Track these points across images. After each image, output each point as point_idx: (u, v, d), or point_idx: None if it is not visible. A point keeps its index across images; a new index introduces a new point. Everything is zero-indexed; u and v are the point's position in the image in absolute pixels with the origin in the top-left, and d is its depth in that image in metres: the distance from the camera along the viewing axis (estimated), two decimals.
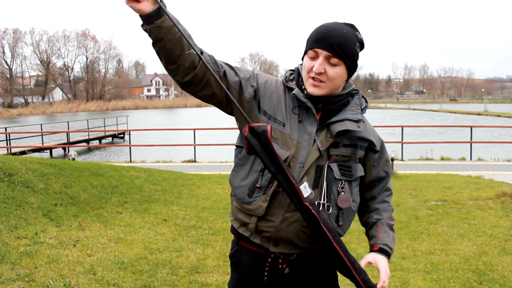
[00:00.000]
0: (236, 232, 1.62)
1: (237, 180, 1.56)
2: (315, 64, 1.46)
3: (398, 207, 6.46)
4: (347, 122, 1.51)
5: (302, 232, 1.50)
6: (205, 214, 5.94)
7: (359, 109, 1.57)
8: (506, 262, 4.13)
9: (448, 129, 24.81)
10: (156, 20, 1.29)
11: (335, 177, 1.50)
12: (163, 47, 1.33)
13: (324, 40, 1.44)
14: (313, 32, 1.50)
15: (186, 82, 1.41)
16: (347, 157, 1.54)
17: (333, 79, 1.47)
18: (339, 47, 1.44)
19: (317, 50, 1.46)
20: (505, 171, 10.20)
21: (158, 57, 1.39)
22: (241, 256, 1.62)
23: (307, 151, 1.48)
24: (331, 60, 1.45)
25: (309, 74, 1.49)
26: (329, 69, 1.46)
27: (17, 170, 5.82)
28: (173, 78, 1.44)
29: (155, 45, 1.34)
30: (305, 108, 1.52)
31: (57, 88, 77.50)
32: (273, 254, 1.55)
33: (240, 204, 1.55)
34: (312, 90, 1.49)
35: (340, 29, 1.46)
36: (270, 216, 1.49)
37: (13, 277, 3.27)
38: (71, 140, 20.23)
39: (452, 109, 55.00)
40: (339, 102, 1.54)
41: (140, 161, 13.72)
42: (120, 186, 6.74)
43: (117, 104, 67.56)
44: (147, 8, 1.28)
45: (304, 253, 1.57)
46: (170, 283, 3.57)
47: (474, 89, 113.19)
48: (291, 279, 1.57)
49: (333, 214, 1.52)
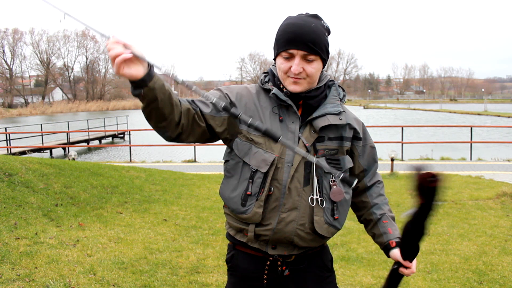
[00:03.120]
0: (232, 238, 1.62)
1: (228, 192, 1.56)
2: (293, 65, 1.45)
3: (398, 207, 6.46)
4: (329, 116, 1.52)
5: (300, 230, 1.50)
6: (205, 214, 5.94)
7: (338, 100, 1.58)
8: (506, 262, 4.13)
9: (448, 129, 24.82)
10: (149, 83, 1.25)
11: (325, 171, 1.50)
12: (156, 107, 1.31)
13: (297, 40, 1.43)
14: (282, 32, 1.48)
15: (176, 135, 1.43)
16: (334, 150, 1.54)
17: (312, 74, 1.48)
18: (314, 44, 1.44)
19: (292, 52, 1.45)
20: (505, 171, 10.20)
21: (147, 119, 1.36)
22: (239, 261, 1.61)
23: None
24: (308, 58, 1.46)
25: (287, 75, 1.49)
26: (307, 67, 1.47)
27: (17, 170, 5.82)
28: (163, 135, 1.43)
29: (148, 107, 1.31)
30: (285, 106, 1.52)
31: (57, 88, 77.49)
32: (271, 257, 1.55)
33: (234, 214, 1.55)
34: (293, 88, 1.49)
35: (309, 24, 1.45)
36: (267, 220, 1.49)
37: (13, 277, 3.27)
38: (71, 140, 20.24)
39: (452, 109, 55.00)
40: (318, 95, 1.55)
41: (140, 161, 13.72)
42: (120, 186, 6.74)
43: (117, 104, 67.54)
44: (140, 72, 1.23)
45: (302, 254, 1.57)
46: (170, 283, 3.57)
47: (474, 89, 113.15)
48: (290, 280, 1.57)
49: (328, 208, 1.52)
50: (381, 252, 4.50)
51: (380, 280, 3.78)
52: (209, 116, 1.48)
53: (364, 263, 4.22)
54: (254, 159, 1.49)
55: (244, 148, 1.51)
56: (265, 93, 1.56)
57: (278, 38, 1.49)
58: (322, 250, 1.64)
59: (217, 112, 1.49)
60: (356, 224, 5.60)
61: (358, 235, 5.13)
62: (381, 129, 24.61)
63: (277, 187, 1.48)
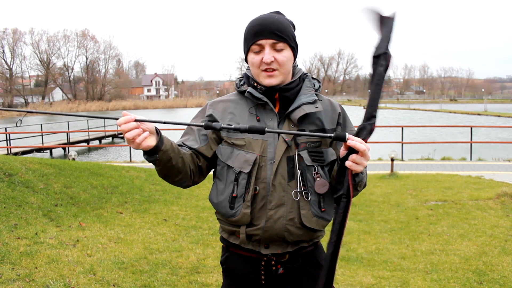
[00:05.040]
0: (226, 241, 1.64)
1: (215, 196, 1.59)
2: (264, 55, 1.50)
3: (398, 207, 6.46)
4: (304, 106, 1.54)
5: (290, 225, 1.51)
6: (205, 214, 5.94)
7: (312, 90, 1.59)
8: (506, 262, 4.13)
9: (448, 129, 24.82)
10: (162, 147, 1.38)
11: (307, 164, 1.51)
12: (171, 166, 1.43)
13: (263, 30, 1.49)
14: (249, 29, 1.53)
15: (192, 182, 1.57)
16: (317, 143, 1.55)
17: (284, 63, 1.51)
18: (280, 32, 1.49)
19: (260, 43, 1.50)
20: (505, 171, 10.20)
21: (165, 178, 1.50)
22: (233, 262, 1.62)
23: (273, 146, 1.51)
24: (277, 46, 1.50)
25: (260, 68, 1.52)
26: (278, 55, 1.50)
27: (17, 170, 5.82)
28: (181, 186, 1.56)
29: (164, 167, 1.43)
30: (262, 105, 1.55)
31: (57, 88, 77.52)
32: (265, 257, 1.56)
33: (225, 218, 1.57)
34: (269, 81, 1.52)
35: (272, 17, 1.52)
36: (256, 219, 1.51)
37: (13, 277, 3.27)
38: (71, 140, 20.24)
39: (452, 109, 54.98)
40: (294, 88, 1.57)
41: (140, 161, 13.71)
42: (120, 186, 6.74)
43: (117, 104, 67.61)
44: (153, 142, 1.35)
45: (296, 252, 1.57)
46: (170, 283, 3.57)
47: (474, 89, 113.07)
48: (285, 278, 1.58)
49: (314, 201, 1.52)
50: (381, 252, 4.51)
51: (380, 280, 3.78)
52: (202, 148, 1.57)
53: (364, 263, 4.22)
54: (237, 161, 1.52)
55: (227, 152, 1.55)
56: (242, 96, 1.60)
57: (246, 35, 1.54)
58: (316, 249, 1.64)
59: (205, 139, 1.58)
60: (356, 224, 5.60)
61: (358, 235, 5.13)
62: (381, 129, 24.60)
63: (262, 185, 1.50)
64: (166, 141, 1.40)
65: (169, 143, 1.40)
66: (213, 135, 1.58)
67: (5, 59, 69.70)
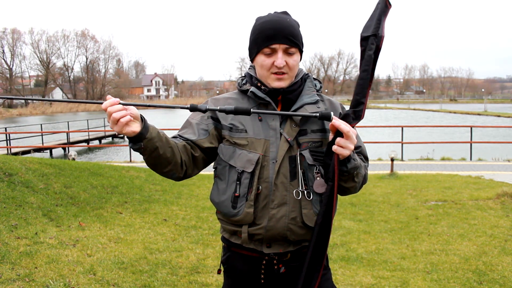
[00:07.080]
0: (227, 241, 1.63)
1: (217, 196, 1.58)
2: (276, 59, 1.50)
3: (398, 207, 6.46)
4: (307, 107, 1.55)
5: (292, 224, 1.51)
6: (205, 214, 5.94)
7: (314, 91, 1.60)
8: (506, 262, 4.13)
9: (448, 129, 24.81)
10: (147, 134, 1.36)
11: (309, 163, 1.52)
12: (157, 155, 1.42)
13: (277, 35, 1.49)
14: (260, 31, 1.52)
15: (184, 174, 1.54)
16: (318, 143, 1.55)
17: (293, 67, 1.54)
18: (293, 37, 1.50)
19: (274, 47, 1.50)
20: (505, 171, 10.20)
21: (153, 168, 1.48)
22: (235, 262, 1.62)
23: (276, 145, 1.52)
24: (289, 51, 1.51)
25: (270, 71, 1.53)
26: (289, 60, 1.52)
27: (17, 170, 5.82)
28: (171, 177, 1.53)
29: (150, 156, 1.41)
30: (264, 104, 1.56)
31: (57, 88, 77.51)
32: (267, 256, 1.56)
33: (227, 218, 1.56)
34: (278, 84, 1.53)
35: (284, 20, 1.52)
36: (258, 219, 1.52)
37: (13, 277, 3.27)
38: (71, 140, 20.24)
39: (452, 109, 55.00)
40: (297, 89, 1.58)
41: (140, 161, 13.70)
42: (120, 186, 6.74)
43: None
44: (138, 128, 1.34)
45: (298, 251, 1.58)
46: (170, 283, 3.57)
47: (474, 89, 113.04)
48: (287, 277, 1.58)
49: (316, 200, 1.53)
50: (381, 252, 4.51)
51: (380, 280, 3.78)
52: (200, 140, 1.55)
53: (364, 263, 4.22)
54: (239, 161, 1.52)
55: (229, 152, 1.55)
56: (244, 95, 1.60)
57: (257, 37, 1.53)
58: None
59: (205, 133, 1.56)
60: (356, 224, 5.60)
61: (358, 235, 5.13)
62: (381, 129, 24.61)
63: (264, 185, 1.50)
64: (152, 129, 1.39)
65: (155, 132, 1.39)
66: (214, 131, 1.58)
67: (5, 59, 69.74)
